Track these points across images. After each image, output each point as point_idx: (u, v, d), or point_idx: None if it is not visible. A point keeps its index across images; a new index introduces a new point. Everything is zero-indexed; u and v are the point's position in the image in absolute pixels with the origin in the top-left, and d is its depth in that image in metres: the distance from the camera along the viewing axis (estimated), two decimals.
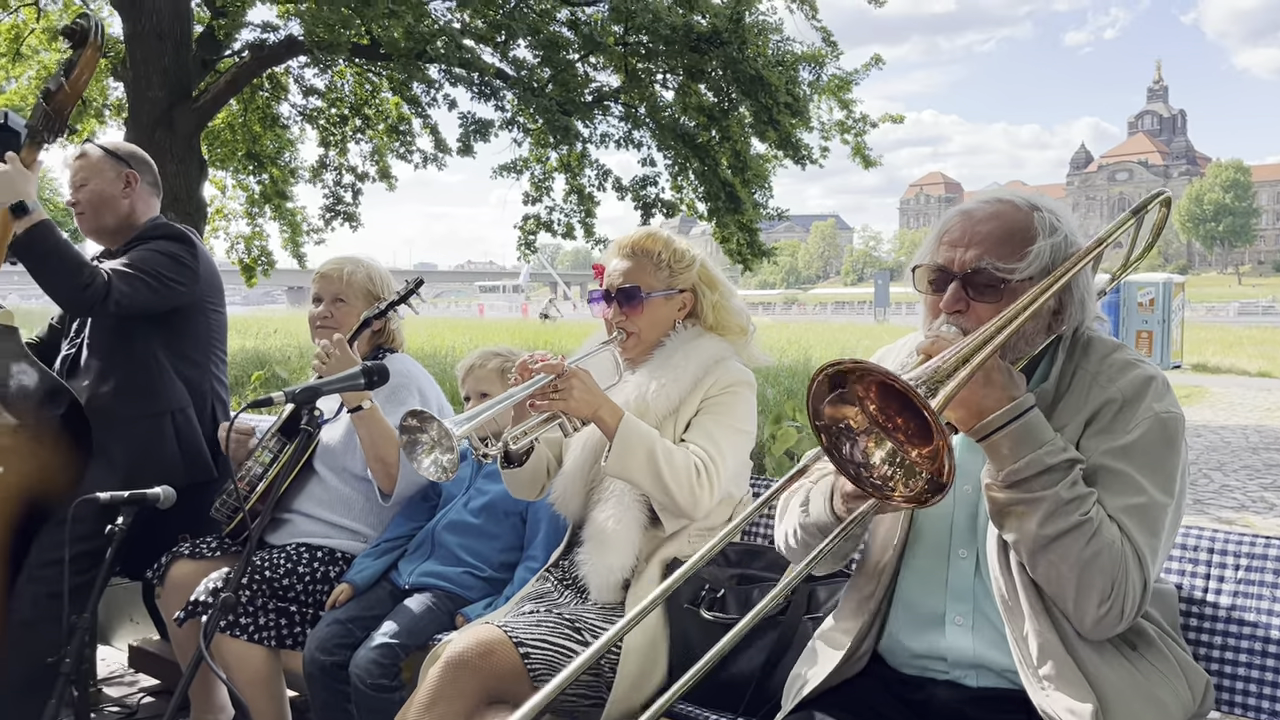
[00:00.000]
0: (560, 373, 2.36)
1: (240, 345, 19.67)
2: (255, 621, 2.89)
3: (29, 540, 3.15)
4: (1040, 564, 1.68)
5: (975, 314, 1.78)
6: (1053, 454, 1.66)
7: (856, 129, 16.19)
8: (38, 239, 3.03)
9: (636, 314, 2.62)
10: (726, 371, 2.60)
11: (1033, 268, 1.76)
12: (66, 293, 3.08)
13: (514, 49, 15.09)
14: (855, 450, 1.54)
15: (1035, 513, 1.66)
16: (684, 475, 2.40)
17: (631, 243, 2.68)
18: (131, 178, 3.42)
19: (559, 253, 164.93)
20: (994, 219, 1.82)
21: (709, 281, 2.71)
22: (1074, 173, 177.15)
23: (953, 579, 1.87)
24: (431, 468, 2.14)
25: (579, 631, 2.35)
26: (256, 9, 14.16)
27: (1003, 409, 1.67)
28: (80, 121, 15.83)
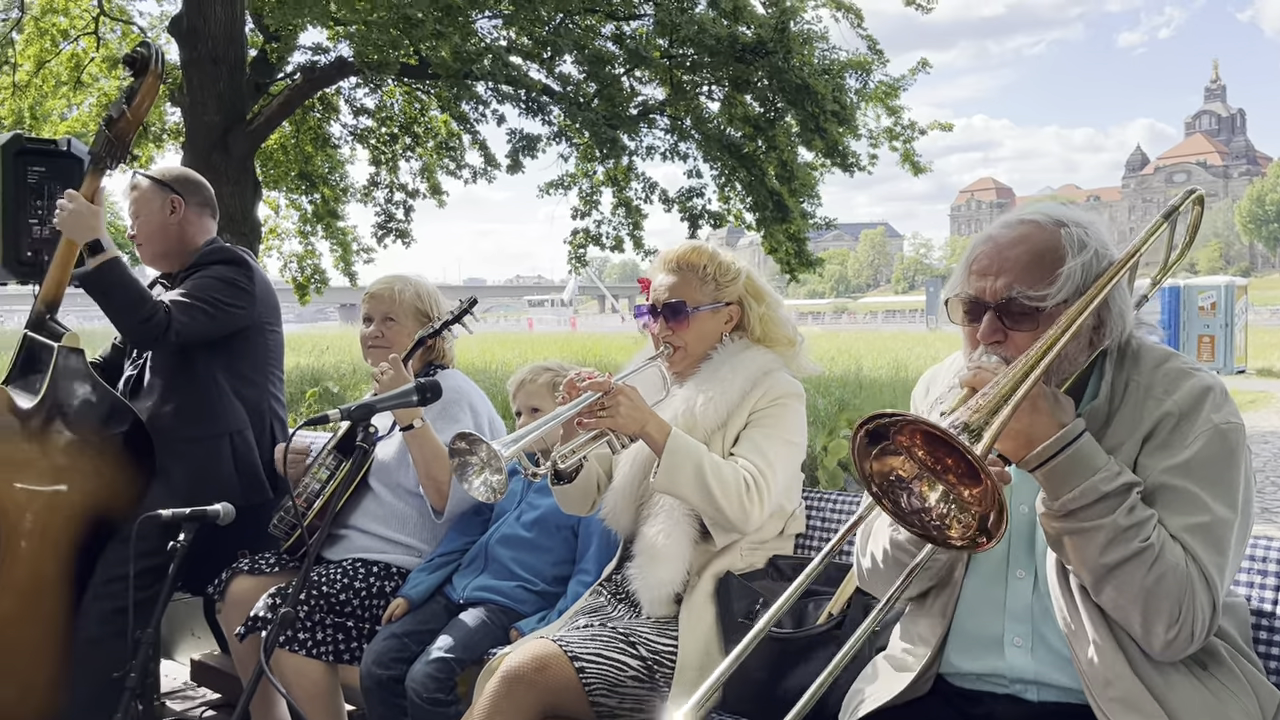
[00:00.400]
0: (607, 390, 2.36)
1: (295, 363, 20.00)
2: (313, 636, 2.92)
3: (94, 557, 3.23)
4: (1104, 592, 1.64)
5: (1014, 342, 1.74)
6: (1107, 480, 1.62)
7: (905, 135, 16.07)
8: (105, 274, 3.13)
9: (683, 328, 2.61)
10: (775, 383, 2.59)
11: (1065, 290, 1.72)
12: (129, 326, 3.17)
13: (560, 65, 15.22)
14: (912, 498, 1.51)
15: (1094, 541, 1.62)
16: (733, 489, 2.39)
17: (676, 257, 2.67)
18: (176, 203, 3.48)
19: (606, 265, 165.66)
20: (1020, 243, 1.77)
21: (755, 293, 2.70)
22: (1130, 175, 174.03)
23: (1010, 600, 1.83)
24: (481, 488, 2.16)
25: (633, 645, 2.35)
26: (308, 32, 14.39)
27: (1052, 437, 1.63)
28: (139, 147, 16.23)
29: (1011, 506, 1.84)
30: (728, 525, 2.44)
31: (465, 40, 13.33)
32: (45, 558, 3.19)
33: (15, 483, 3.15)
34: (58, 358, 3.21)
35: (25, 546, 3.16)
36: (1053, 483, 1.64)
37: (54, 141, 3.96)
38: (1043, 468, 1.64)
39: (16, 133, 3.91)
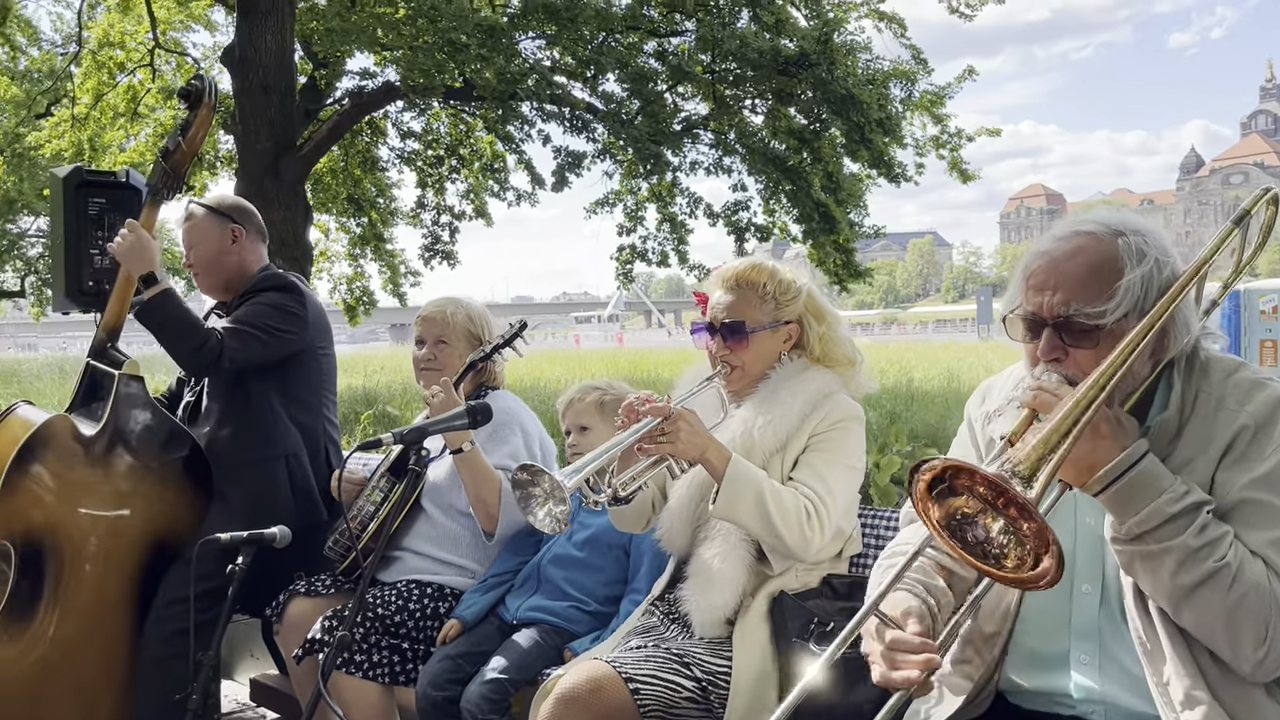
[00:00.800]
0: (667, 415, 2.33)
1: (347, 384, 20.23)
2: (369, 659, 2.95)
3: (156, 580, 3.29)
4: (1184, 615, 1.60)
5: (1074, 360, 1.70)
6: (1173, 501, 1.57)
7: (952, 144, 15.92)
8: (159, 305, 3.21)
9: (742, 348, 2.57)
10: (835, 406, 2.54)
11: (1124, 304, 1.67)
12: (184, 355, 3.24)
13: (603, 83, 15.31)
14: (978, 532, 1.47)
15: (1165, 564, 1.57)
16: (794, 517, 2.35)
17: (736, 274, 2.62)
18: (237, 232, 3.55)
19: (652, 281, 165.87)
20: (1076, 255, 1.73)
21: (816, 312, 2.64)
22: (1184, 178, 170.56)
23: (1076, 616, 1.79)
24: (546, 520, 2.16)
25: (687, 666, 2.34)
26: (355, 58, 14.66)
27: (1114, 460, 1.59)
28: (194, 175, 16.61)
29: (1078, 520, 1.80)
30: (787, 553, 2.41)
31: (509, 62, 13.47)
32: (109, 581, 3.26)
33: (80, 508, 3.22)
34: (118, 385, 3.28)
35: (90, 570, 3.24)
36: (1118, 507, 1.60)
37: (113, 173, 4.06)
38: (1105, 492, 1.60)
39: (77, 165, 4.01)
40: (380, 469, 3.33)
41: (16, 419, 3.30)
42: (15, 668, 3.10)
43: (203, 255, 3.51)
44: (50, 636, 3.15)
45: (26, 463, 3.14)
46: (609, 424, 3.09)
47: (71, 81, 17.48)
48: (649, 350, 35.75)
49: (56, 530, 3.18)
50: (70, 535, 3.20)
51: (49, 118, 17.78)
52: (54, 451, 3.19)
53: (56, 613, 3.16)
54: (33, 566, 3.15)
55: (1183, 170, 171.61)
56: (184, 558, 3.22)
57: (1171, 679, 1.63)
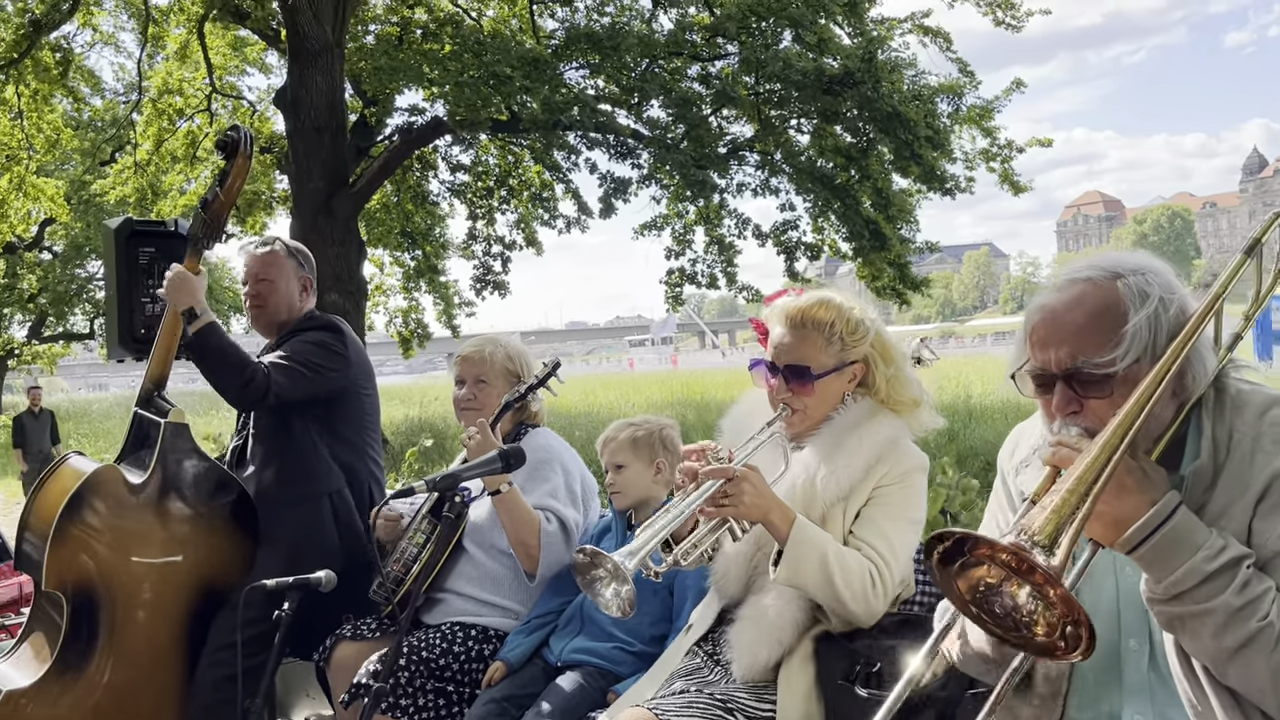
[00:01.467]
0: (730, 477, 2.23)
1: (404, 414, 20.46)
2: (415, 703, 2.93)
3: (207, 625, 3.33)
4: (1229, 675, 1.52)
5: (1091, 411, 1.62)
6: (1210, 558, 1.49)
7: (1002, 155, 15.72)
8: (205, 339, 3.25)
9: (806, 394, 2.45)
10: (901, 457, 2.44)
11: (1134, 350, 1.59)
12: (231, 389, 3.28)
13: (647, 109, 15.39)
14: (1004, 601, 1.41)
15: (1207, 625, 1.49)
16: (858, 583, 2.27)
17: (802, 312, 2.47)
18: (308, 283, 3.64)
19: (705, 302, 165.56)
20: (1076, 307, 1.66)
21: (883, 353, 2.51)
22: (1248, 179, 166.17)
23: (1127, 674, 1.71)
24: (613, 601, 2.09)
25: (731, 713, 2.28)
26: (404, 95, 14.91)
27: (1144, 517, 1.51)
28: (251, 215, 16.99)
29: (1119, 577, 1.72)
30: (849, 617, 2.32)
31: (554, 92, 13.62)
32: (160, 627, 3.30)
33: (130, 555, 3.27)
34: (165, 433, 3.33)
35: (142, 617, 3.28)
36: (1152, 566, 1.52)
37: (162, 222, 4.16)
38: (1137, 550, 1.52)
39: (127, 217, 4.11)
40: (423, 510, 3.33)
41: (68, 469, 3.37)
42: (70, 716, 3.14)
43: (275, 291, 3.56)
44: (104, 684, 3.19)
45: (77, 512, 3.19)
46: (643, 460, 3.06)
47: (133, 129, 18.02)
48: (703, 371, 35.68)
49: (108, 578, 3.22)
50: (122, 583, 3.24)
51: (113, 165, 18.34)
52: (103, 500, 3.25)
53: (110, 660, 3.21)
54: (85, 615, 3.20)
55: (1245, 171, 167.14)
56: (233, 603, 3.24)
57: None
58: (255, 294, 3.57)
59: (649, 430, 3.12)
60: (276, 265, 3.57)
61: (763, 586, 2.44)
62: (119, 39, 22.65)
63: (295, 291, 3.60)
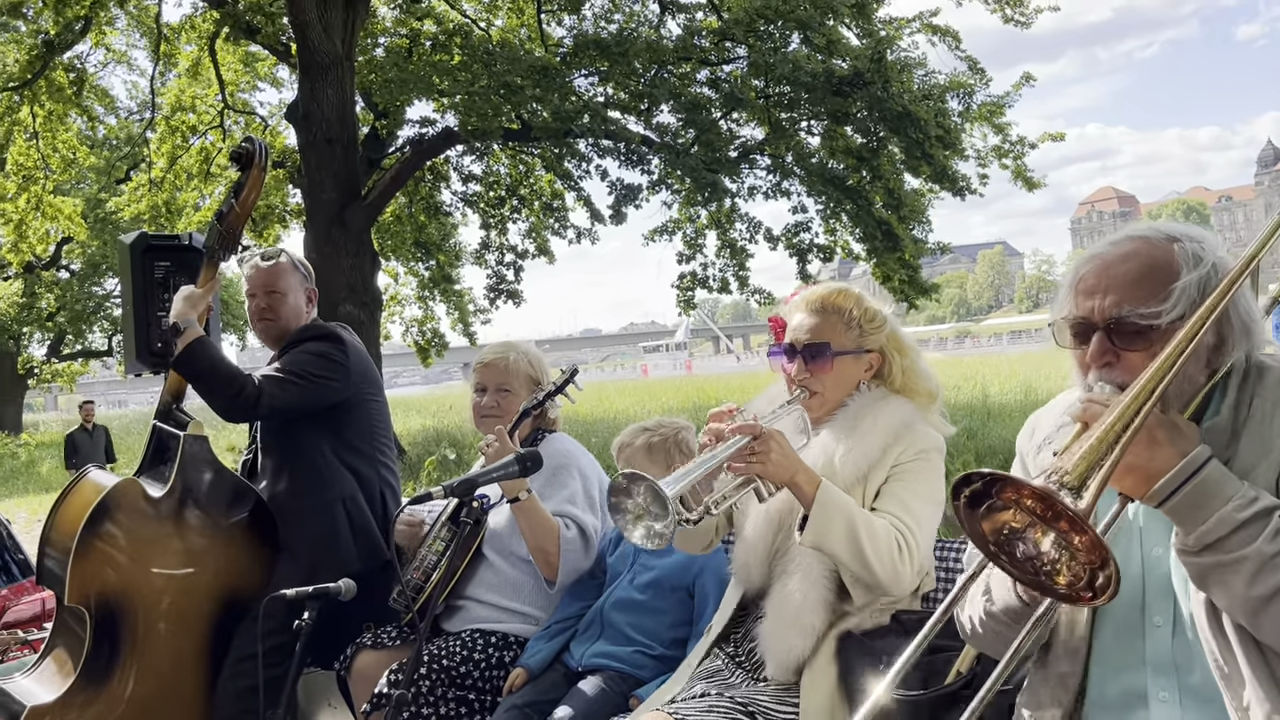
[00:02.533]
0: (757, 434, 2.25)
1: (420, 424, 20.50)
2: (436, 711, 2.93)
3: (229, 636, 3.33)
4: (1264, 627, 1.50)
5: (1127, 364, 1.62)
6: (1242, 507, 1.48)
7: (1015, 152, 15.66)
8: (195, 354, 3.25)
9: (824, 372, 2.49)
10: (917, 436, 2.45)
11: (1179, 306, 1.59)
12: (221, 402, 3.28)
13: (657, 115, 15.41)
14: (1027, 547, 1.41)
15: (1240, 574, 1.48)
16: (885, 548, 2.26)
17: (821, 298, 2.54)
18: (312, 294, 3.66)
19: (718, 306, 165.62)
20: (1130, 259, 1.66)
21: (898, 346, 2.57)
22: (1263, 171, 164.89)
23: (1151, 651, 1.68)
24: (643, 538, 2.07)
25: (752, 716, 2.26)
26: (414, 106, 14.98)
27: (1175, 468, 1.50)
28: (265, 228, 17.07)
29: (1144, 551, 1.71)
30: (875, 585, 2.30)
31: (564, 100, 13.65)
32: (183, 639, 3.31)
33: (152, 568, 3.28)
34: (184, 446, 3.35)
35: (164, 629, 3.29)
36: (1183, 517, 1.52)
37: (177, 236, 4.18)
38: (1169, 502, 1.51)
39: (142, 231, 4.13)
40: (442, 517, 3.33)
41: (88, 484, 3.38)
42: None
43: (286, 303, 3.57)
44: (127, 697, 3.20)
45: (98, 526, 3.21)
46: (659, 466, 3.05)
47: (147, 147, 18.15)
48: (717, 377, 35.65)
49: (130, 591, 3.24)
50: (144, 595, 3.26)
51: (128, 183, 18.48)
52: (124, 514, 3.26)
53: (133, 673, 3.22)
54: (108, 629, 3.21)
55: (1260, 164, 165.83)
56: (253, 614, 3.25)
57: (1252, 703, 1.53)
58: (267, 307, 3.57)
59: (664, 435, 3.11)
60: (285, 278, 3.58)
61: (785, 569, 2.43)
62: (131, 57, 22.88)
63: (302, 303, 3.61)
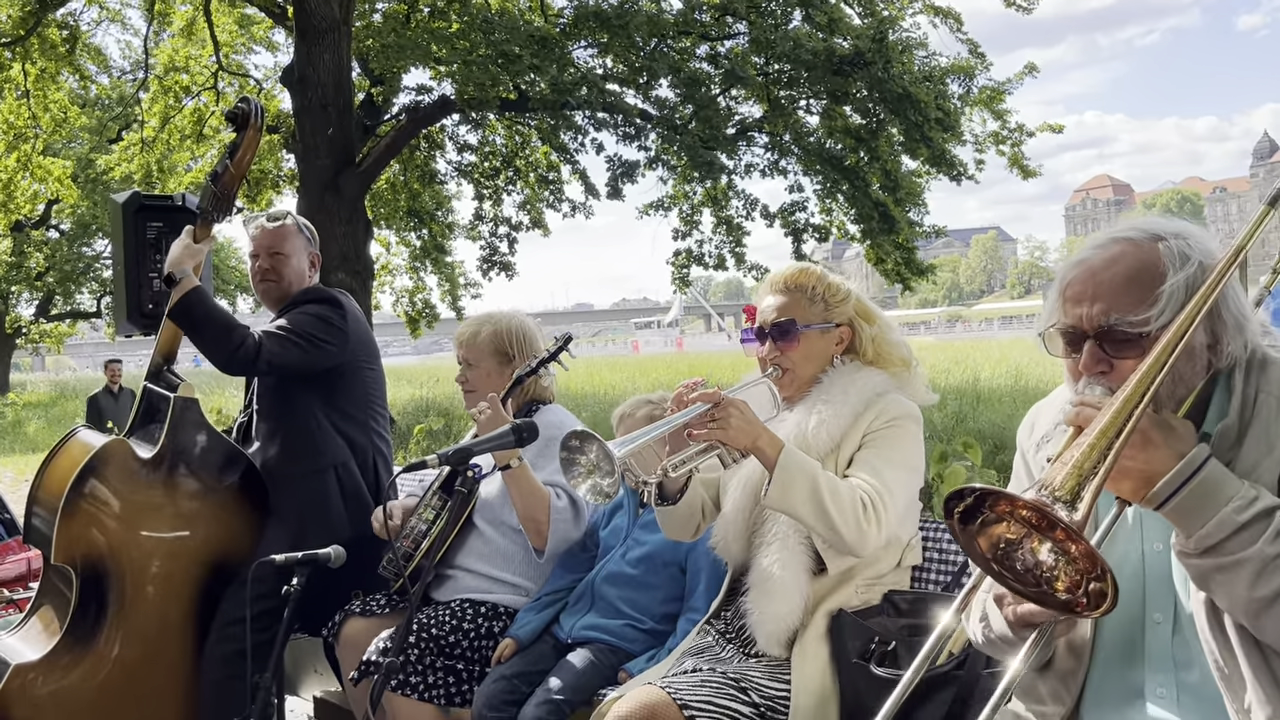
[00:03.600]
0: (717, 401, 2.30)
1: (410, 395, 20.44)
2: (425, 680, 2.92)
3: (216, 601, 3.32)
4: (1266, 629, 1.49)
5: (1120, 372, 1.59)
6: (1242, 508, 1.46)
7: (1012, 139, 15.61)
8: (193, 305, 3.21)
9: (792, 348, 2.54)
10: (889, 404, 2.48)
11: (1168, 310, 1.56)
12: (220, 355, 3.24)
13: (656, 89, 15.29)
14: (1025, 558, 1.40)
15: (1241, 576, 1.46)
16: (849, 508, 2.28)
17: (784, 279, 2.61)
18: (315, 259, 3.63)
19: (711, 284, 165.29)
20: (1114, 263, 1.63)
21: (865, 315, 2.62)
22: (1258, 163, 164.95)
23: (1150, 647, 1.68)
24: (589, 492, 2.14)
25: (744, 691, 2.26)
26: (411, 73, 14.84)
27: (1172, 470, 1.49)
28: (259, 193, 16.94)
29: (1145, 547, 1.70)
30: (843, 547, 2.33)
31: (562, 71, 13.53)
32: (170, 603, 3.29)
33: (140, 530, 3.26)
34: (174, 408, 3.31)
35: (151, 592, 3.27)
36: (1183, 520, 1.50)
37: (170, 197, 4.12)
38: (1168, 504, 1.50)
39: (135, 191, 4.07)
40: (433, 486, 3.31)
41: (77, 443, 3.35)
42: (80, 691, 3.14)
43: (289, 265, 3.54)
44: (113, 658, 3.18)
45: (86, 486, 3.18)
46: (660, 439, 3.03)
47: (139, 107, 17.96)
48: (708, 355, 35.67)
49: (117, 552, 3.21)
50: (131, 557, 3.23)
51: (119, 143, 18.29)
52: (113, 474, 3.23)
53: (119, 634, 3.20)
54: (94, 589, 3.19)
55: (1256, 156, 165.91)
56: (242, 578, 3.23)
57: (1253, 705, 1.52)
58: (270, 268, 3.54)
59: (665, 409, 3.10)
60: (290, 240, 3.55)
61: (763, 543, 2.46)
62: (125, 16, 22.53)
63: (305, 267, 3.59)
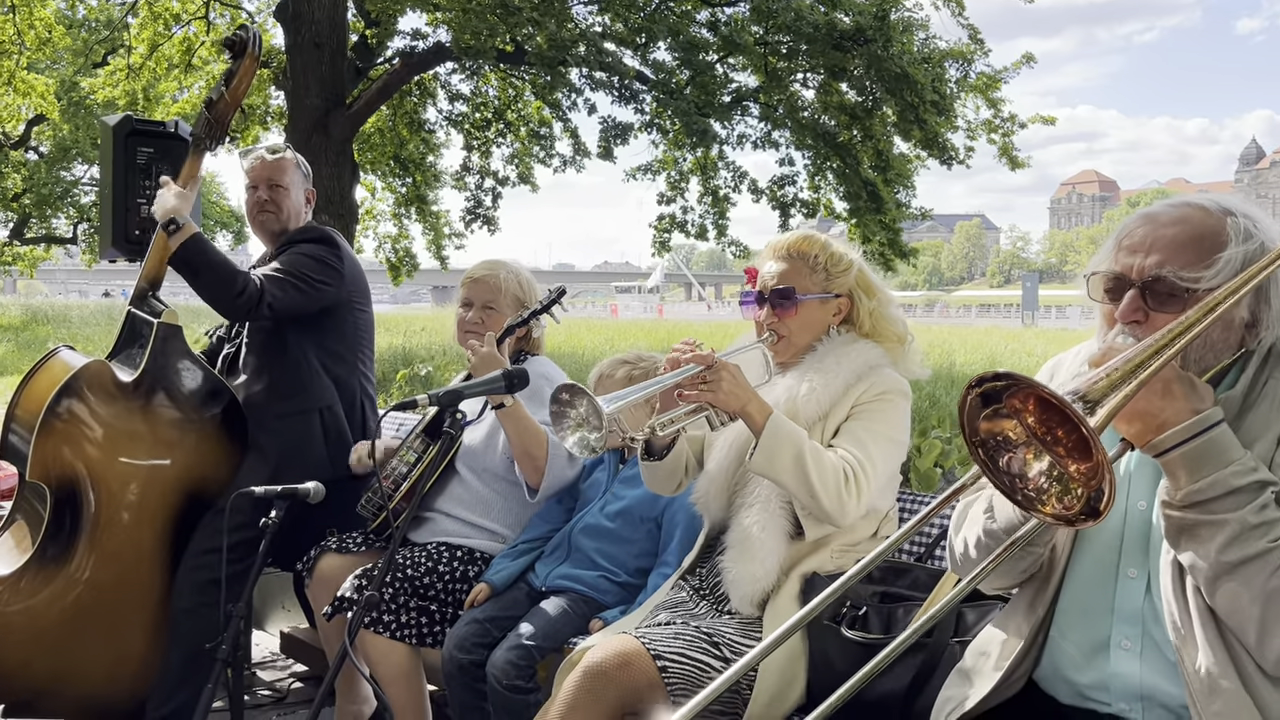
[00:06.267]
0: (710, 364, 2.32)
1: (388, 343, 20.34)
2: (397, 619, 2.95)
3: (190, 530, 3.32)
4: (1219, 592, 1.54)
5: (1154, 325, 1.62)
6: (1241, 474, 1.51)
7: (1004, 129, 15.61)
8: (192, 253, 3.18)
9: (789, 315, 2.55)
10: (880, 378, 2.51)
11: (1221, 276, 1.59)
12: (223, 301, 3.23)
13: (654, 51, 15.16)
14: (1012, 462, 1.43)
15: (1216, 536, 1.51)
16: (831, 479, 2.31)
17: (788, 245, 2.61)
18: (311, 195, 3.63)
19: (694, 253, 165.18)
20: (1180, 223, 1.67)
21: (866, 287, 2.62)
22: (1244, 169, 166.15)
23: (1120, 600, 1.72)
24: (576, 445, 2.16)
25: (717, 646, 2.30)
26: (407, 17, 14.63)
27: (1184, 423, 1.53)
28: (245, 129, 16.71)
29: (1129, 503, 1.74)
30: (822, 516, 2.37)
31: (561, 27, 13.38)
32: (144, 529, 3.29)
33: (119, 456, 3.25)
34: (157, 333, 3.29)
35: (126, 517, 3.27)
36: (1180, 470, 1.54)
37: (162, 123, 4.08)
38: (1170, 453, 1.54)
39: (127, 114, 4.02)
40: (416, 429, 3.31)
41: (58, 362, 3.33)
42: (49, 610, 3.14)
43: (289, 198, 3.53)
44: (84, 580, 3.19)
45: (64, 405, 3.16)
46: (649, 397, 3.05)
47: (128, 32, 17.60)
48: (688, 323, 35.70)
49: (93, 474, 3.20)
50: (106, 481, 3.22)
51: (104, 67, 17.93)
52: (92, 395, 3.22)
53: (91, 556, 3.20)
54: (68, 509, 3.18)
55: (1242, 161, 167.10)
56: (218, 508, 3.23)
57: (1203, 665, 1.58)
58: (269, 199, 3.51)
59: (644, 369, 3.11)
60: (289, 172, 3.54)
61: (744, 502, 2.49)
62: None
63: (302, 202, 3.59)
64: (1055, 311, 52.55)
